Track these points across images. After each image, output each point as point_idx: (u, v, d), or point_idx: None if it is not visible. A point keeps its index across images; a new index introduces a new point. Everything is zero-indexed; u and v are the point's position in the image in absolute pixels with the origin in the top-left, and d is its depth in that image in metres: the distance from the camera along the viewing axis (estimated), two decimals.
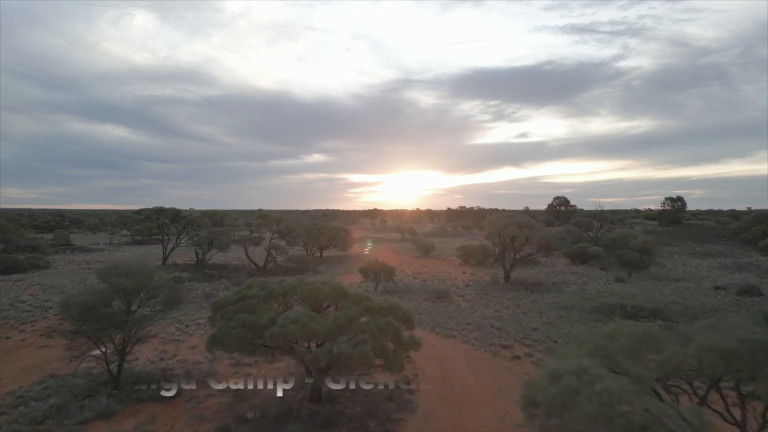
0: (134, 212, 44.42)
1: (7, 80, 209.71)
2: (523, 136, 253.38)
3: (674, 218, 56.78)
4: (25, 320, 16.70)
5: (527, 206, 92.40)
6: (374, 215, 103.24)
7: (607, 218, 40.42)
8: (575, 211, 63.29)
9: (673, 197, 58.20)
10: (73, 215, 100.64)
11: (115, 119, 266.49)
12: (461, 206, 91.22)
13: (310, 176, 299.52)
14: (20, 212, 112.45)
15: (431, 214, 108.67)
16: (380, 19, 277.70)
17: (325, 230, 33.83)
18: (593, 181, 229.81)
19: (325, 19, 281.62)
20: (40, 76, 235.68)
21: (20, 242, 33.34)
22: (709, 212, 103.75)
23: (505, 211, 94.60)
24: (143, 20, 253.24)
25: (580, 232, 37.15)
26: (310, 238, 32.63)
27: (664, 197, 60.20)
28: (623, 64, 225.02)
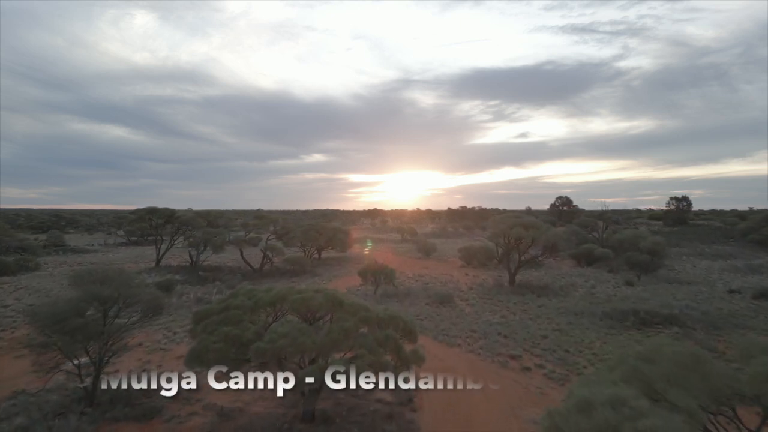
0: (130, 212, 43.51)
1: (7, 80, 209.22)
2: (523, 136, 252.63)
3: (679, 218, 55.66)
4: (5, 326, 15.81)
5: (529, 206, 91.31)
6: (374, 215, 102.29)
7: (612, 218, 39.50)
8: (578, 211, 62.28)
9: (678, 197, 57.15)
10: (71, 215, 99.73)
11: (115, 119, 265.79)
12: (462, 206, 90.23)
13: (310, 176, 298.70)
14: (18, 212, 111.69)
15: (432, 214, 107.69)
16: (380, 19, 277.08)
17: (323, 231, 32.90)
18: (593, 181, 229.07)
19: (325, 19, 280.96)
20: (40, 76, 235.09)
21: (10, 243, 32.41)
22: (712, 212, 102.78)
23: (506, 211, 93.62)
24: (143, 20, 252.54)
25: (585, 232, 36.24)
26: (307, 239, 31.71)
27: (669, 197, 59.38)
28: (623, 64, 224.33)
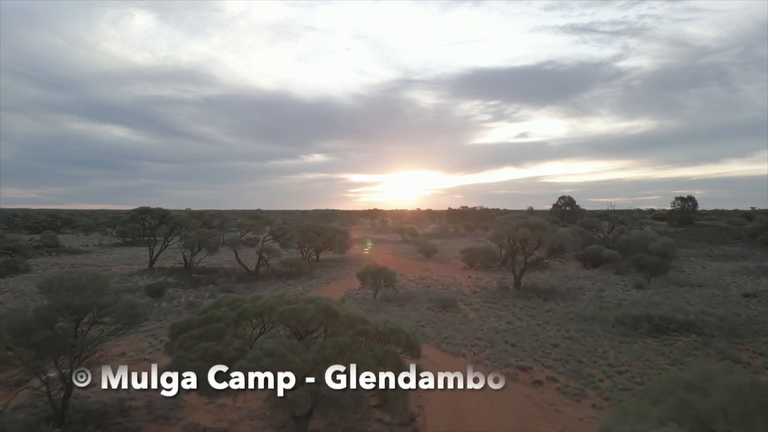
0: (126, 213, 42.66)
1: (7, 80, 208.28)
2: (523, 136, 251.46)
3: (685, 219, 54.73)
4: None
5: (531, 206, 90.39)
6: (374, 215, 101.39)
7: (617, 218, 38.65)
8: (581, 211, 61.35)
9: (683, 197, 56.10)
10: (69, 216, 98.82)
11: (115, 119, 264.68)
12: (463, 206, 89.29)
13: (310, 176, 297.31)
14: (15, 212, 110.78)
15: (432, 214, 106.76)
16: (380, 19, 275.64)
17: (321, 232, 32.00)
18: (593, 181, 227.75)
19: (325, 19, 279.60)
20: (40, 76, 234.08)
21: None
22: (715, 212, 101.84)
23: (508, 211, 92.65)
24: (143, 20, 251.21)
25: (589, 233, 35.34)
26: (305, 240, 30.82)
27: (674, 197, 58.41)
28: (623, 64, 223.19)
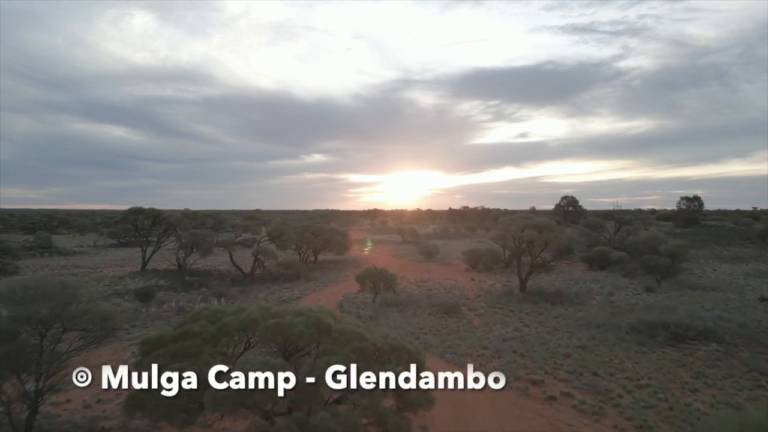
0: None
1: (7, 80, 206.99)
2: (523, 136, 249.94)
3: (690, 219, 53.76)
4: None
5: (533, 206, 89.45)
6: (374, 216, 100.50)
7: (623, 219, 37.79)
8: (583, 211, 60.42)
9: (689, 197, 55.15)
10: (67, 216, 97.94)
11: (115, 119, 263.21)
12: (464, 206, 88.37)
13: (310, 176, 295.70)
14: (12, 212, 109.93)
15: (432, 214, 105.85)
16: (380, 19, 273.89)
17: (319, 233, 31.08)
18: (593, 181, 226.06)
19: (325, 19, 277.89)
20: (40, 76, 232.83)
21: None
22: (718, 212, 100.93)
23: (509, 211, 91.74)
24: (143, 20, 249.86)
25: (595, 234, 34.46)
26: (303, 241, 29.91)
27: (679, 197, 57.37)
28: (623, 64, 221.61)
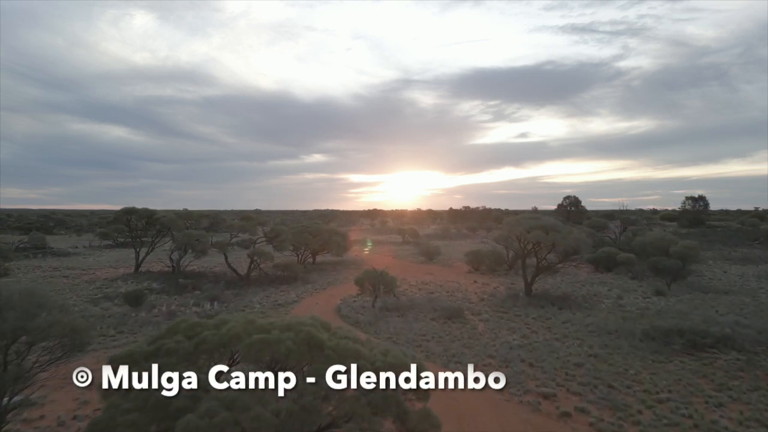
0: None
1: (7, 80, 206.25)
2: (523, 136, 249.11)
3: (696, 219, 52.88)
4: None
5: (535, 206, 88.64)
6: (374, 216, 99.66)
7: (628, 219, 36.97)
8: (587, 211, 59.58)
9: (694, 197, 54.08)
10: (65, 216, 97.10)
11: (115, 119, 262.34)
12: (465, 206, 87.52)
13: (310, 176, 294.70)
14: (10, 213, 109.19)
15: (433, 214, 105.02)
16: (380, 19, 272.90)
17: (318, 233, 30.28)
18: (593, 181, 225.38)
19: (325, 19, 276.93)
20: (40, 76, 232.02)
21: None
22: (721, 212, 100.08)
23: (509, 211, 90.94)
24: (143, 20, 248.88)
25: (600, 235, 33.68)
26: (300, 242, 29.11)
27: (684, 197, 56.37)
28: (623, 64, 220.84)
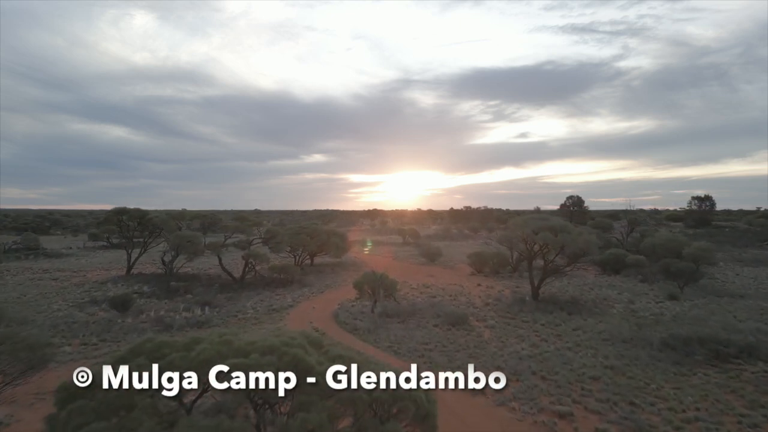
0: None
1: (7, 80, 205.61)
2: (523, 136, 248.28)
3: (702, 219, 51.91)
4: None
5: (538, 206, 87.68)
6: (374, 216, 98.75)
7: (636, 219, 36.03)
8: (590, 211, 58.64)
9: (700, 196, 53.00)
10: (63, 216, 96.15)
11: (115, 119, 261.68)
12: (466, 206, 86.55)
13: (310, 176, 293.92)
14: (7, 212, 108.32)
15: (433, 214, 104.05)
16: (380, 19, 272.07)
17: (315, 234, 29.34)
18: (593, 181, 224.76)
19: (325, 19, 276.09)
20: (40, 76, 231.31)
21: None
22: (724, 212, 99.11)
23: (510, 211, 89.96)
24: (143, 20, 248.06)
25: (606, 235, 32.75)
26: (298, 243, 28.18)
27: (690, 197, 55.26)
28: (623, 64, 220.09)
